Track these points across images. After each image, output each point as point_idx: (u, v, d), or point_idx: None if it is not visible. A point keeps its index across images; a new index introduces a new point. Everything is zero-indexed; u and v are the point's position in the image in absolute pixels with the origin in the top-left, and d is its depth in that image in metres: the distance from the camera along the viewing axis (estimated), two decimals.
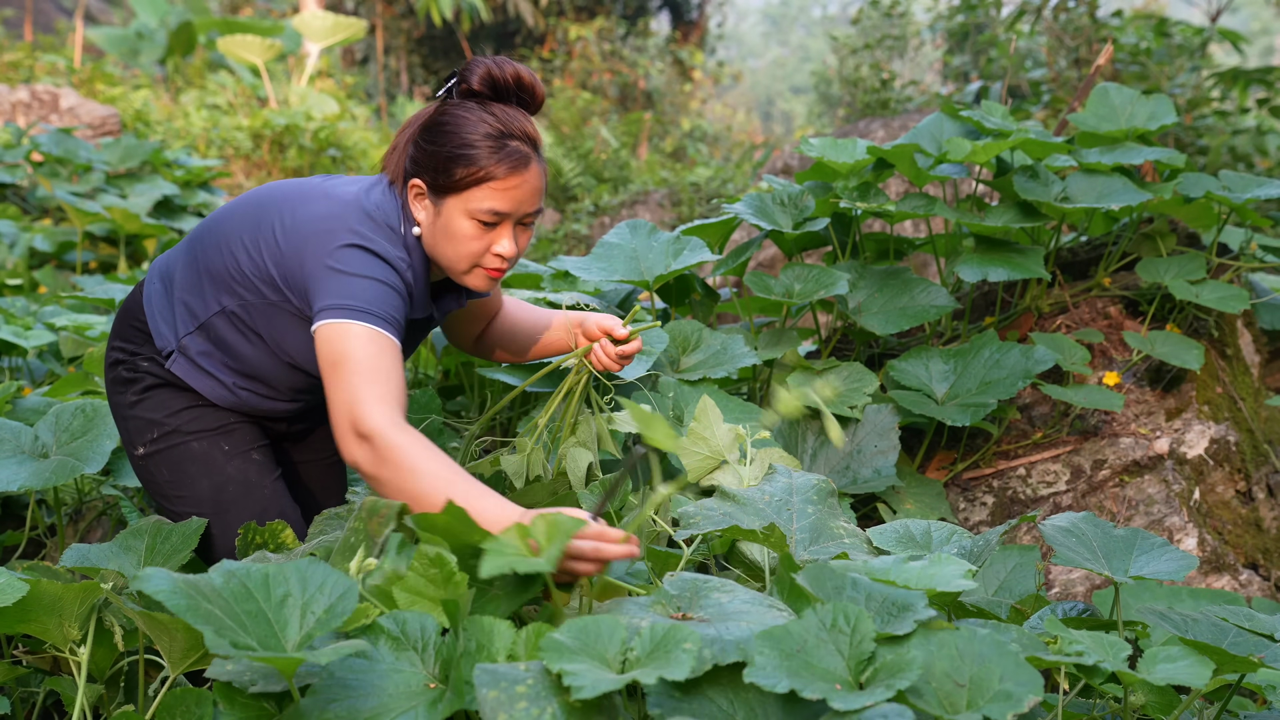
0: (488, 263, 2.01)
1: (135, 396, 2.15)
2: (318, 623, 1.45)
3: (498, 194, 1.94)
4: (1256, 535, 2.95)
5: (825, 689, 1.31)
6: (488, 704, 1.28)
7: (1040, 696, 1.31)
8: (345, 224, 1.96)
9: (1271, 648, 1.70)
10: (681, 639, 1.36)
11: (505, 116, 1.95)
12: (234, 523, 2.07)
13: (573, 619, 1.41)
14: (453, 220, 1.97)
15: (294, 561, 1.52)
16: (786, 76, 38.09)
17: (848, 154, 3.28)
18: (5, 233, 5.51)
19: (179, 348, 2.11)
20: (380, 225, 1.98)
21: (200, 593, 1.44)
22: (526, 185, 1.96)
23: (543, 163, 2.01)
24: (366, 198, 2.02)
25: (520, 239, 2.03)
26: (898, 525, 2.02)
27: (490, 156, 1.93)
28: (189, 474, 2.12)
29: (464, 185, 1.94)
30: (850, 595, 1.51)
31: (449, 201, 1.96)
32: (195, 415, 2.14)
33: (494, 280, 2.04)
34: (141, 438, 2.15)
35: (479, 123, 1.94)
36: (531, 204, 1.99)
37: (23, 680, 2.05)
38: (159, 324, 2.13)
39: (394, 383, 1.84)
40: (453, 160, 1.94)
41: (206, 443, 2.13)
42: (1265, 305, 3.45)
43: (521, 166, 1.95)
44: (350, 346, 1.84)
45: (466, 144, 1.93)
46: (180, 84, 11.53)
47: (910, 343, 3.33)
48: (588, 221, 9.64)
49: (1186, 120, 7.51)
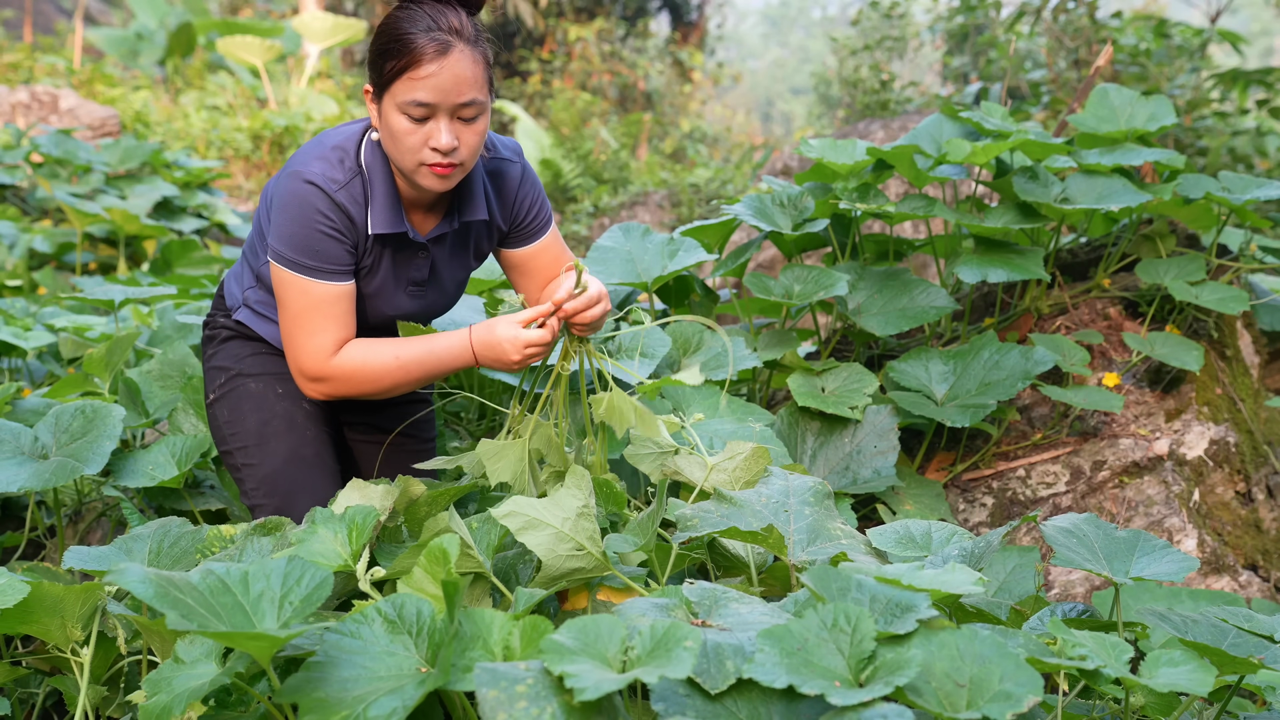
0: (427, 158, 2.01)
1: (212, 350, 2.36)
2: (294, 611, 1.48)
3: (418, 83, 1.95)
4: (1256, 536, 2.95)
5: (824, 685, 1.31)
6: (488, 703, 1.28)
7: (1040, 697, 1.31)
8: (302, 156, 2.08)
9: (1271, 649, 1.70)
10: (681, 637, 1.36)
11: (434, 10, 1.98)
12: (272, 453, 2.24)
13: (572, 619, 1.41)
14: (390, 118, 2.01)
15: (274, 559, 1.55)
16: (786, 77, 38.10)
17: (847, 155, 3.28)
18: (5, 234, 5.51)
19: (243, 300, 2.31)
20: (333, 153, 2.07)
21: (175, 585, 1.47)
22: (447, 71, 1.96)
23: (476, 51, 2.00)
24: (339, 131, 2.13)
25: (464, 134, 2.01)
26: (898, 526, 2.02)
27: (409, 45, 1.96)
28: (242, 410, 2.29)
29: (392, 78, 1.98)
30: (855, 596, 1.52)
31: (385, 101, 2.01)
32: (259, 360, 2.31)
33: (442, 178, 2.03)
34: (213, 385, 2.34)
35: (406, 19, 1.98)
36: (459, 93, 1.98)
37: (22, 681, 2.05)
38: (231, 285, 2.35)
39: (329, 328, 2.06)
40: (381, 56, 1.99)
41: (263, 384, 2.30)
42: (1265, 306, 3.45)
43: (439, 53, 1.95)
44: (283, 295, 2.07)
45: (390, 37, 1.98)
46: (180, 85, 11.53)
47: (910, 344, 3.33)
48: (587, 223, 9.65)
49: (1186, 121, 7.51)
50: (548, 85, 14.71)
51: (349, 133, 2.13)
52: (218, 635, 1.39)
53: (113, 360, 3.08)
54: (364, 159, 2.09)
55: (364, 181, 2.08)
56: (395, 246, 2.15)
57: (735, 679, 1.36)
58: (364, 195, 2.08)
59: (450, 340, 2.07)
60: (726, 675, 1.38)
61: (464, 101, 1.99)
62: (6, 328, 3.50)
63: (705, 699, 1.36)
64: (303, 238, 2.03)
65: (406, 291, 2.22)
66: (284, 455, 2.25)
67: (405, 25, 1.98)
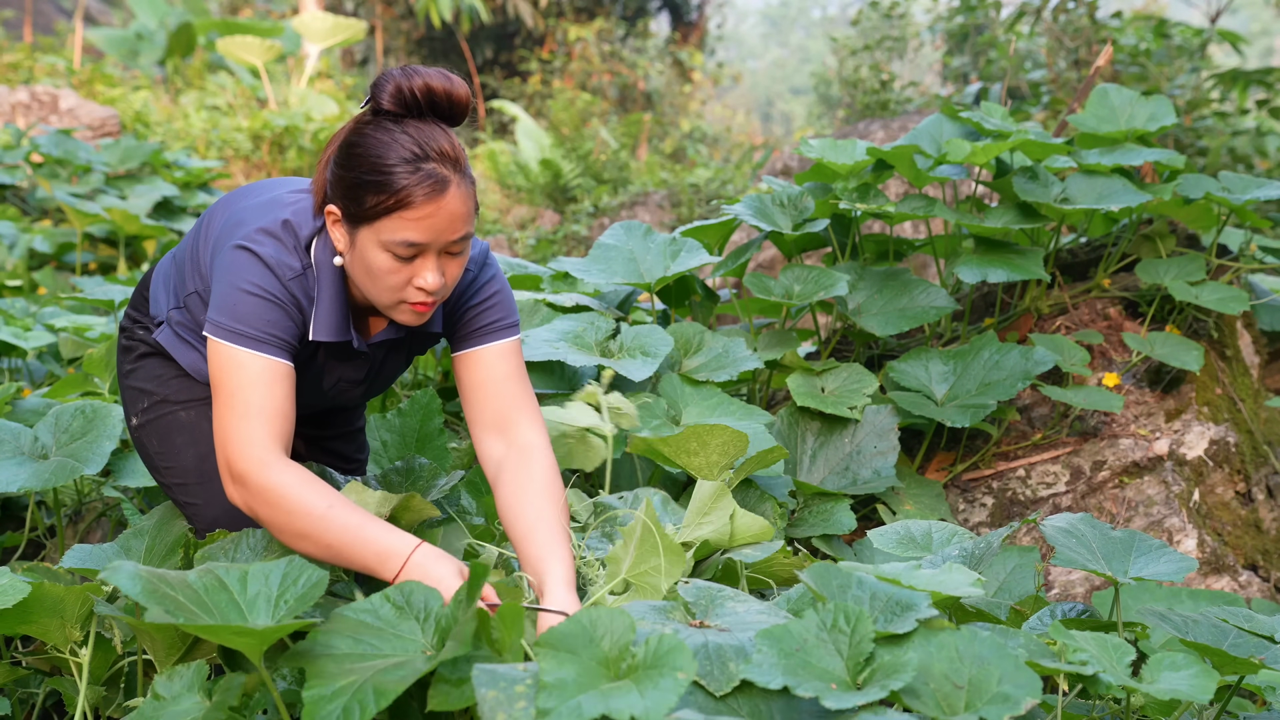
0: (410, 296, 1.83)
1: (130, 365, 2.14)
2: (288, 610, 1.48)
3: (411, 224, 1.75)
4: (1256, 536, 2.95)
5: (820, 688, 1.31)
6: (486, 703, 1.28)
7: (1038, 699, 1.31)
8: (250, 224, 1.87)
9: (1271, 649, 1.70)
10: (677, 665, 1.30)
11: (419, 135, 1.75)
12: (217, 493, 2.00)
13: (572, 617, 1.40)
14: (368, 252, 1.79)
15: (274, 562, 1.56)
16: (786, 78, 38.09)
17: (847, 155, 3.28)
18: (5, 234, 5.51)
19: (166, 319, 2.09)
20: (285, 231, 1.86)
21: (167, 583, 1.47)
22: (444, 212, 1.76)
23: (467, 182, 1.80)
24: (291, 201, 1.92)
25: (449, 267, 1.83)
26: (898, 526, 2.02)
27: (401, 183, 1.74)
28: (175, 444, 2.08)
29: (375, 214, 1.76)
30: (855, 594, 1.52)
31: (362, 232, 1.79)
32: (184, 384, 2.09)
33: (421, 315, 1.86)
34: (135, 407, 2.13)
35: (390, 144, 1.75)
36: (453, 231, 1.79)
37: (22, 681, 2.05)
38: (159, 292, 2.12)
39: (269, 413, 1.77)
40: (362, 187, 1.76)
41: (195, 412, 2.08)
42: (1265, 306, 3.45)
43: (437, 192, 1.75)
44: (225, 373, 1.79)
45: (374, 169, 1.75)
46: (180, 85, 11.53)
47: (910, 344, 3.33)
48: (587, 223, 9.64)
49: (1186, 121, 7.51)
50: (548, 85, 14.71)
51: (301, 209, 1.91)
52: (202, 629, 1.40)
53: (113, 360, 3.08)
54: (315, 255, 1.88)
55: (313, 280, 1.88)
56: (334, 349, 1.99)
57: (738, 681, 1.37)
58: (310, 293, 1.88)
59: (389, 538, 1.71)
60: (730, 678, 1.38)
61: (457, 238, 1.80)
62: (6, 328, 3.50)
63: (707, 695, 1.37)
64: (247, 307, 1.80)
65: (336, 386, 2.07)
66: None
67: (388, 154, 1.74)
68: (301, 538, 1.71)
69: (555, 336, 2.67)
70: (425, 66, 1.80)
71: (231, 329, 1.79)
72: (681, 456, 2.24)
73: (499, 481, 1.97)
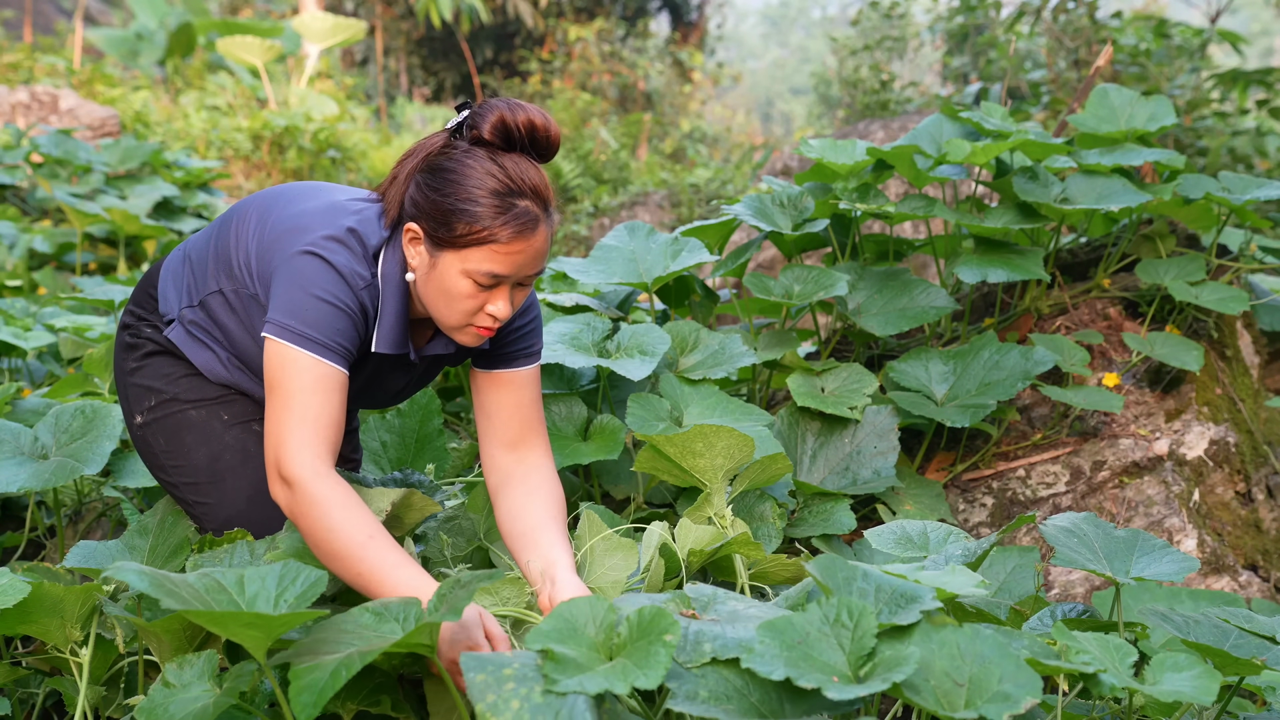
0: (479, 321, 1.88)
1: (135, 363, 2.12)
2: (289, 608, 1.50)
3: (499, 257, 1.80)
4: (1256, 536, 2.95)
5: (822, 679, 1.32)
6: (475, 686, 1.31)
7: (1038, 698, 1.31)
8: (316, 230, 1.87)
9: (1272, 649, 1.70)
10: (663, 630, 1.37)
11: (516, 170, 1.80)
12: (230, 492, 2.02)
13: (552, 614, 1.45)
14: (447, 276, 1.83)
15: (270, 564, 1.57)
16: (786, 78, 38.10)
17: (847, 155, 3.28)
18: (5, 234, 5.51)
19: (179, 317, 2.07)
20: (353, 239, 1.88)
21: (171, 582, 1.48)
22: (531, 249, 1.82)
23: (551, 221, 1.86)
24: (355, 210, 1.93)
25: (517, 297, 1.90)
26: (895, 526, 2.02)
27: (495, 217, 1.78)
28: (185, 443, 2.07)
29: (463, 243, 1.80)
30: (860, 586, 1.52)
31: (445, 255, 1.82)
32: (194, 383, 2.08)
33: (482, 338, 1.92)
34: (140, 405, 2.11)
35: (486, 176, 1.79)
36: (534, 266, 1.85)
37: (22, 681, 2.05)
38: (169, 289, 2.11)
39: (324, 421, 1.78)
40: (454, 214, 1.80)
41: (205, 411, 2.07)
42: (1265, 306, 3.45)
43: (528, 231, 1.80)
44: (286, 375, 1.79)
45: (470, 199, 1.79)
46: (180, 85, 11.53)
47: (910, 344, 3.33)
48: (587, 223, 9.65)
49: (1186, 121, 7.51)
50: (548, 85, 14.71)
51: (366, 219, 1.92)
52: (211, 616, 1.40)
53: (113, 360, 3.08)
54: (383, 267, 1.91)
55: (377, 291, 1.91)
56: (388, 359, 2.02)
57: (710, 659, 1.43)
58: (375, 304, 1.91)
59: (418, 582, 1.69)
60: (702, 655, 1.44)
61: (536, 273, 1.87)
62: (6, 328, 3.50)
63: (719, 679, 1.40)
64: (318, 313, 1.81)
65: (374, 394, 2.11)
66: (245, 494, 2.03)
67: (485, 185, 1.78)
68: (334, 558, 1.72)
69: (553, 339, 2.67)
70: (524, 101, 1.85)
71: (300, 332, 1.80)
72: (687, 458, 2.20)
73: (504, 489, 2.03)
